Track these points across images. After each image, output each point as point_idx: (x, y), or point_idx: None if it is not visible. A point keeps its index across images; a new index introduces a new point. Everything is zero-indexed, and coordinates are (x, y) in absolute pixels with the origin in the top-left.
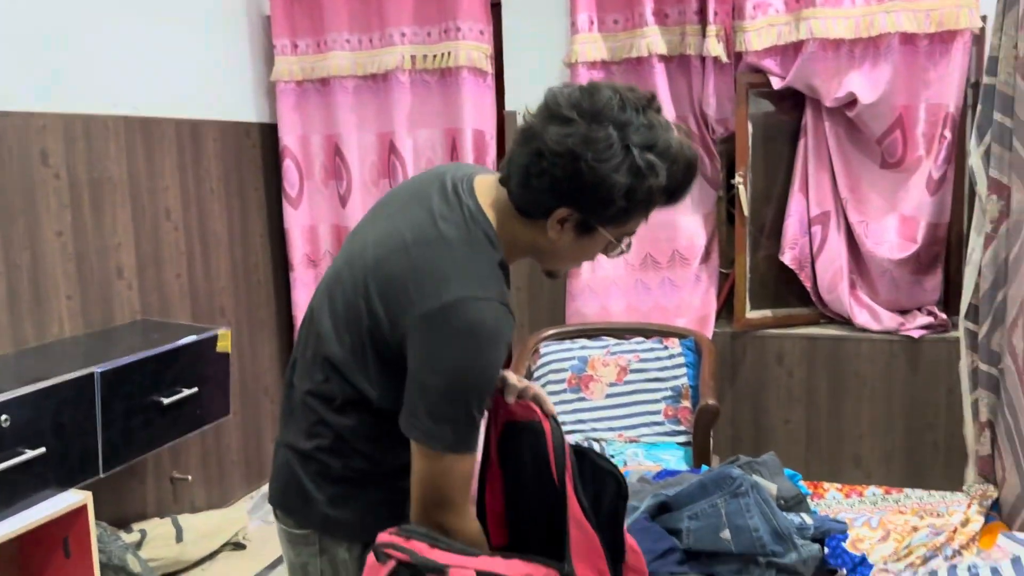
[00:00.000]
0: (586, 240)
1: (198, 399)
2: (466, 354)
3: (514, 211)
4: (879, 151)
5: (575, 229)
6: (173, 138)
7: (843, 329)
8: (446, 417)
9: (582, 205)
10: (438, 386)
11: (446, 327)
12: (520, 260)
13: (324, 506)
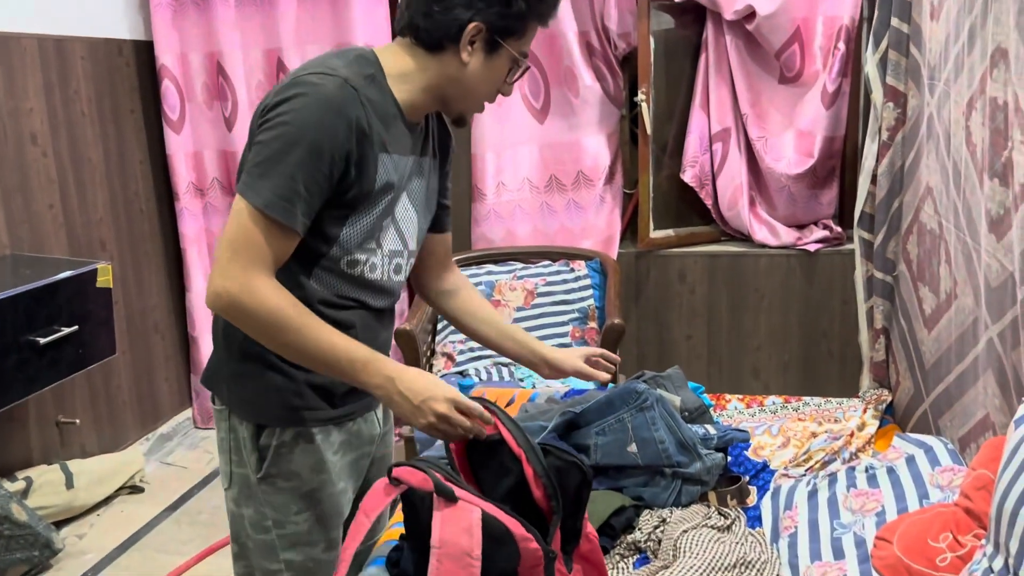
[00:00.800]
0: (494, 60)
1: (79, 338)
2: (301, 111)
3: (421, 52)
4: (778, 66)
5: (484, 48)
6: (36, 55)
7: (743, 246)
8: (268, 172)
9: (487, 12)
10: (267, 140)
11: (285, 85)
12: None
13: (229, 382)
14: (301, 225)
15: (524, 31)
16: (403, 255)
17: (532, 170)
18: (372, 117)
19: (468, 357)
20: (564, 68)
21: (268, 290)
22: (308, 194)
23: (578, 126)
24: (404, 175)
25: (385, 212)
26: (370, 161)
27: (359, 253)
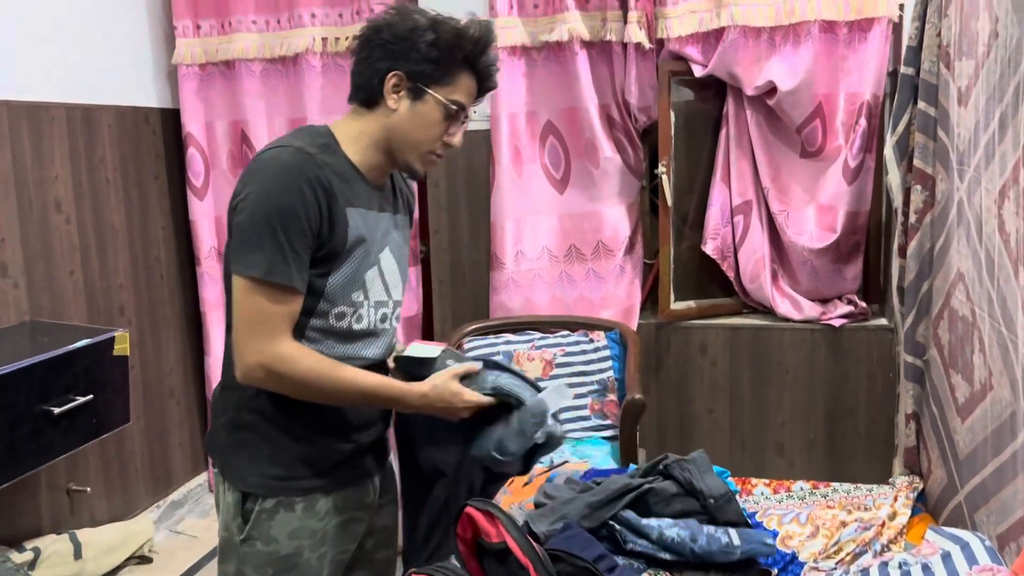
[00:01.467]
0: (420, 106)
1: (94, 407)
2: (264, 183)
3: (364, 112)
4: (799, 140)
5: (408, 95)
6: (63, 124)
7: (765, 319)
8: (255, 245)
9: (401, 60)
10: (244, 219)
11: (248, 170)
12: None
13: (221, 450)
14: (300, 282)
15: (450, 79)
16: (388, 305)
17: (552, 239)
18: (331, 176)
19: None
20: (585, 140)
21: (296, 353)
22: (296, 252)
23: (598, 197)
24: (380, 229)
25: (367, 263)
26: (338, 215)
27: (345, 305)
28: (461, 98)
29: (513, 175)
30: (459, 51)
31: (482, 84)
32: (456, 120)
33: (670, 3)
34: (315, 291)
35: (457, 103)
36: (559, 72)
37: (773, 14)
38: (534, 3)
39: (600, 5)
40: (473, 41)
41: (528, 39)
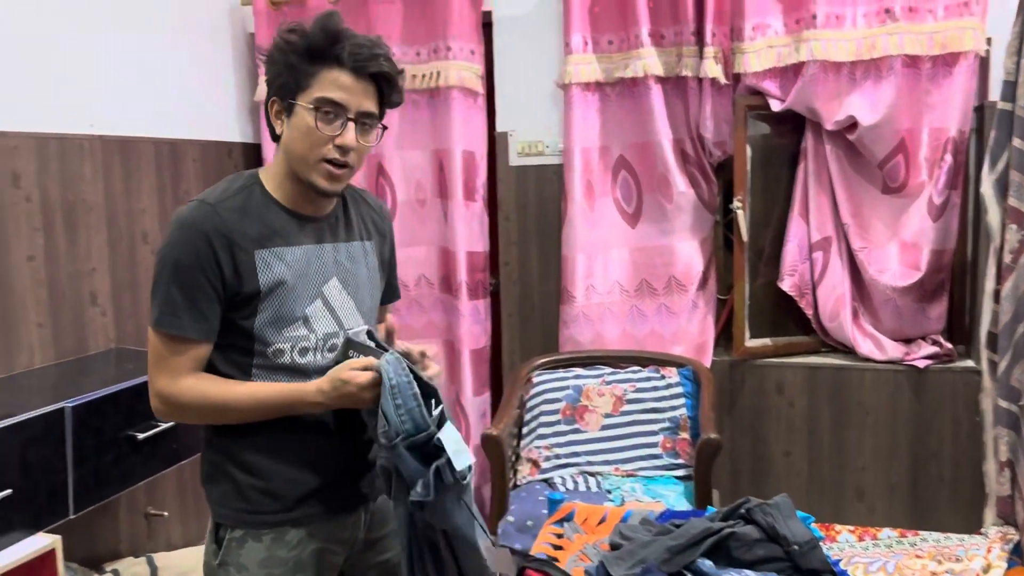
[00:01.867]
0: (295, 119)
1: (174, 433)
2: (167, 237)
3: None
4: (880, 176)
5: (285, 114)
6: (152, 158)
7: (845, 358)
8: (154, 295)
9: (272, 87)
10: (153, 272)
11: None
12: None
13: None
14: (194, 331)
15: (309, 81)
16: (339, 335)
17: (623, 273)
18: (235, 223)
19: (554, 464)
20: (658, 174)
21: (186, 386)
22: (190, 302)
23: (671, 231)
24: (319, 262)
25: (301, 299)
26: (243, 260)
27: (280, 342)
28: (327, 94)
29: (585, 209)
30: (305, 51)
31: (356, 71)
32: (335, 120)
33: (747, 38)
34: (245, 333)
35: (322, 100)
36: (633, 107)
37: (854, 49)
38: (608, 39)
39: (676, 41)
40: (314, 35)
41: (602, 75)
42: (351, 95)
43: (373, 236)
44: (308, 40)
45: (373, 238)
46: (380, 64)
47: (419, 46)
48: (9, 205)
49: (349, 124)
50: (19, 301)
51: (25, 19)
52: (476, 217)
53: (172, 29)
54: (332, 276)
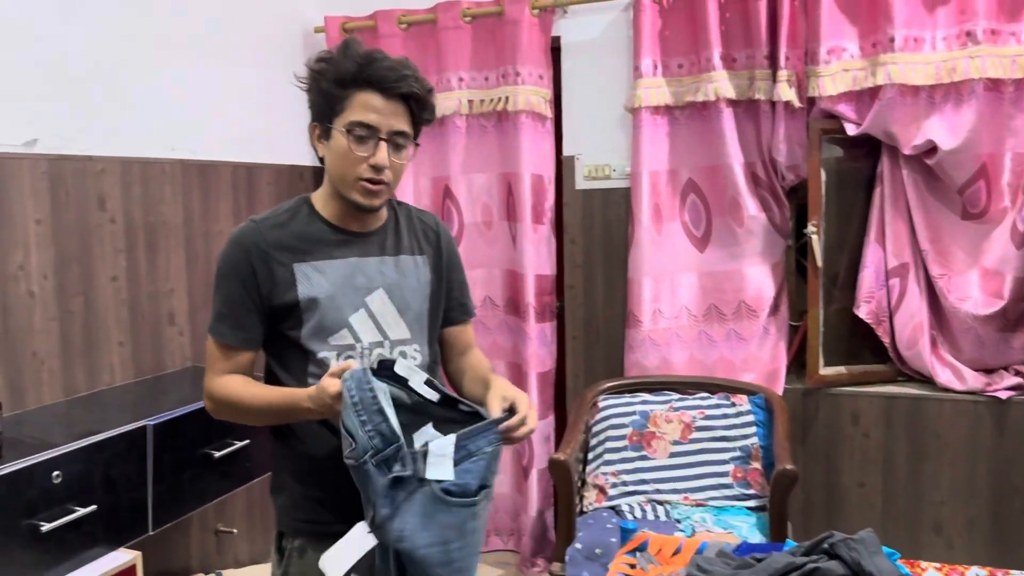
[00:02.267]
0: (332, 142)
1: (248, 452)
2: (220, 255)
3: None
4: (960, 201)
5: (324, 138)
6: (228, 181)
7: (923, 388)
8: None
9: (312, 112)
10: None
11: None
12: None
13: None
14: (233, 338)
15: (343, 104)
16: (384, 345)
17: (691, 298)
18: (276, 238)
19: (621, 491)
20: (728, 198)
21: (220, 384)
22: (231, 312)
23: (741, 255)
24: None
25: (343, 309)
26: (280, 273)
27: (327, 350)
28: (359, 117)
29: (652, 232)
30: (336, 76)
31: (385, 92)
32: (367, 141)
33: (822, 61)
34: (294, 343)
35: (354, 123)
36: (702, 130)
37: (933, 72)
38: (679, 63)
39: (748, 64)
40: (342, 62)
41: (672, 99)
42: (382, 116)
43: (425, 250)
44: (337, 67)
45: (425, 252)
46: (408, 85)
47: (488, 71)
48: (95, 227)
49: (381, 144)
50: (102, 321)
51: (110, 50)
52: (544, 240)
53: (248, 57)
54: (378, 287)
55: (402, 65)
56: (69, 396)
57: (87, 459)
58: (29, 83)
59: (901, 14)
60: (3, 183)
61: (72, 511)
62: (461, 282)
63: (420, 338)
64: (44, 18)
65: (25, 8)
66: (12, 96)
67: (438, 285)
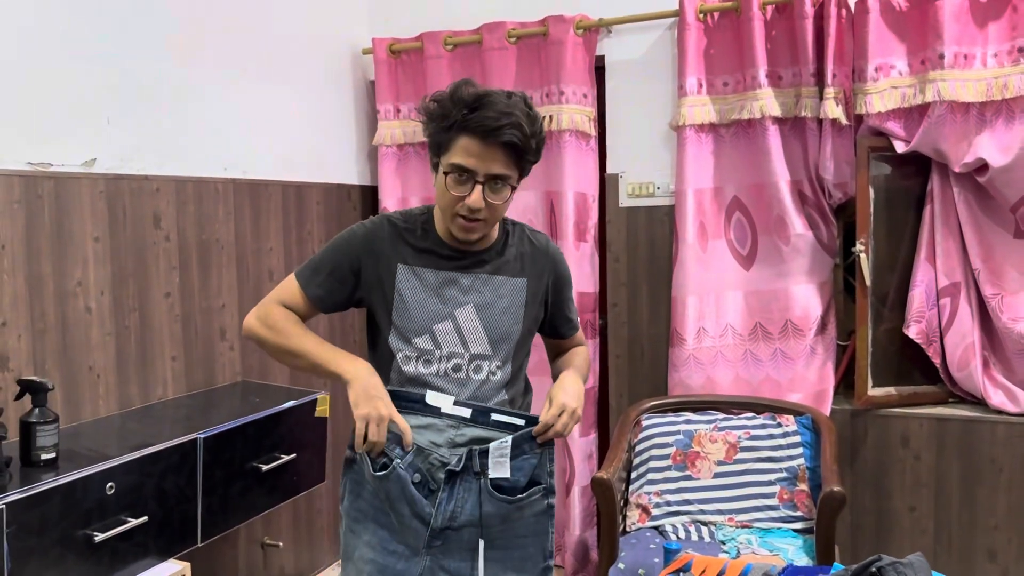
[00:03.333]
0: (438, 177)
1: (295, 465)
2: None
3: None
4: (1014, 220)
5: (434, 171)
6: (279, 200)
7: (976, 410)
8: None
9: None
10: None
11: None
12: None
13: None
14: (310, 290)
15: (447, 146)
16: (463, 357)
17: (736, 317)
18: (395, 239)
19: (664, 511)
20: (774, 216)
21: (279, 311)
22: (324, 271)
23: (787, 274)
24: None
25: (431, 316)
26: (385, 268)
27: (408, 350)
28: (458, 160)
29: (697, 251)
30: (444, 119)
31: (484, 139)
32: (465, 183)
33: (870, 79)
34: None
35: (453, 166)
36: (748, 148)
37: (984, 89)
38: (724, 81)
39: (794, 82)
40: (455, 100)
41: (717, 117)
42: (479, 160)
43: (529, 273)
44: (443, 110)
45: (528, 275)
46: (509, 135)
47: (532, 91)
48: (150, 244)
49: (477, 187)
50: (156, 336)
51: (166, 72)
52: (587, 258)
53: (298, 79)
54: (469, 303)
55: (506, 113)
56: (123, 409)
57: (140, 471)
58: (89, 104)
59: (951, 31)
60: (64, 202)
61: (125, 521)
62: (568, 299)
63: (502, 356)
64: (104, 41)
65: (86, 31)
66: (73, 117)
67: (539, 307)
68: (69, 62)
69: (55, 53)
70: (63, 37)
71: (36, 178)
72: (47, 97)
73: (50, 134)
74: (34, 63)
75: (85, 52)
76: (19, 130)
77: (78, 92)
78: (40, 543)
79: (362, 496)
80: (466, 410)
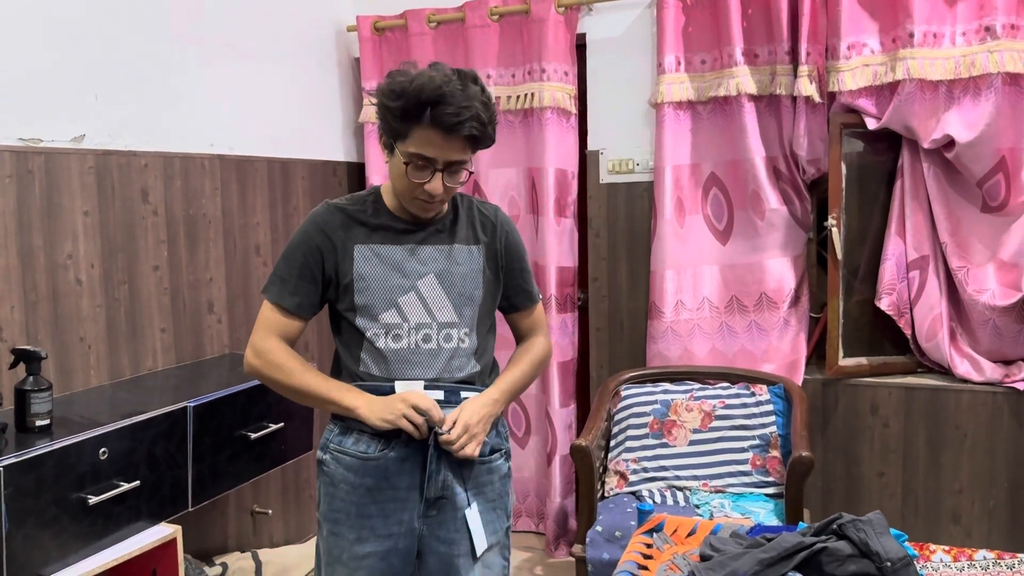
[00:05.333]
0: (393, 160)
1: (283, 434)
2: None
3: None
4: (980, 194)
5: (388, 151)
6: (264, 176)
7: (942, 379)
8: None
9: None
10: None
11: None
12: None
13: None
14: (287, 301)
15: (406, 134)
16: (431, 327)
17: (713, 290)
18: (347, 223)
19: (641, 477)
20: (750, 191)
21: (273, 345)
22: (289, 277)
23: (762, 248)
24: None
25: (392, 290)
26: (342, 252)
27: (376, 328)
28: (418, 150)
29: (675, 226)
30: (405, 108)
31: (447, 132)
32: (424, 170)
33: (843, 57)
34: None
35: (415, 155)
36: (724, 125)
37: (952, 67)
38: (701, 59)
39: (769, 60)
40: (413, 96)
41: (695, 95)
42: (439, 151)
43: (481, 240)
44: (405, 102)
45: (481, 241)
46: (469, 128)
47: (515, 68)
48: (139, 219)
49: (437, 174)
50: (145, 308)
51: (153, 49)
52: (567, 233)
53: (283, 56)
54: (430, 273)
55: (466, 107)
56: (114, 379)
57: (132, 437)
58: (77, 81)
59: (921, 10)
60: (54, 177)
61: (117, 486)
62: (522, 269)
63: (468, 323)
64: (92, 18)
65: (74, 8)
66: (62, 94)
67: (494, 274)
68: (58, 40)
69: (44, 31)
70: (52, 15)
71: (27, 154)
72: (37, 74)
73: (40, 111)
74: (24, 41)
75: (74, 30)
76: (9, 107)
77: (67, 69)
78: (36, 505)
79: (337, 496)
80: (438, 392)
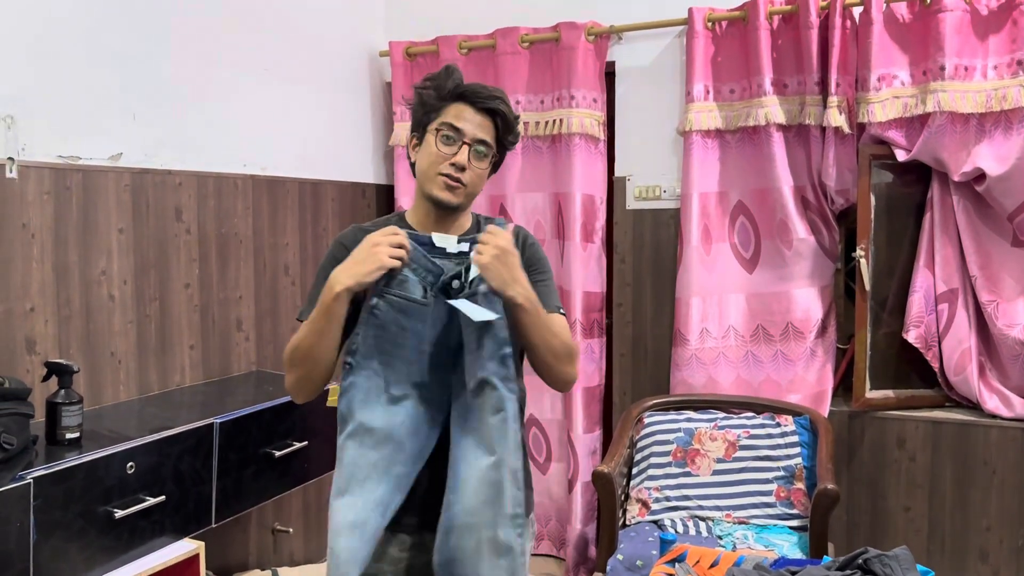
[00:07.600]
0: (424, 145)
1: (306, 453)
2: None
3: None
4: (1011, 228)
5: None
6: (295, 197)
7: (971, 414)
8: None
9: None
10: None
11: None
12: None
13: None
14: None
15: (437, 113)
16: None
17: (738, 318)
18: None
19: (664, 506)
20: (777, 221)
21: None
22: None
23: (789, 277)
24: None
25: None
26: None
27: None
28: (450, 120)
29: (701, 253)
30: (439, 87)
31: (476, 105)
32: (453, 143)
33: (873, 88)
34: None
35: (443, 124)
36: (753, 154)
37: (983, 100)
38: (730, 88)
39: (799, 90)
40: (443, 80)
41: (723, 123)
42: (469, 124)
43: None
44: (439, 82)
45: None
46: (496, 104)
47: (544, 95)
48: (172, 237)
49: (464, 147)
50: (175, 324)
51: (191, 71)
52: (594, 258)
53: (317, 80)
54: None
55: (495, 89)
56: (143, 394)
57: (159, 452)
58: (116, 101)
59: (952, 43)
60: (91, 194)
61: (143, 500)
62: (543, 282)
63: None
64: (132, 42)
65: (114, 32)
66: (101, 113)
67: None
68: (98, 61)
69: (84, 52)
70: (92, 37)
71: (65, 171)
72: (76, 94)
73: (79, 129)
74: (64, 62)
75: (113, 51)
76: (50, 125)
77: (106, 90)
78: (64, 517)
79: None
80: (465, 244)
